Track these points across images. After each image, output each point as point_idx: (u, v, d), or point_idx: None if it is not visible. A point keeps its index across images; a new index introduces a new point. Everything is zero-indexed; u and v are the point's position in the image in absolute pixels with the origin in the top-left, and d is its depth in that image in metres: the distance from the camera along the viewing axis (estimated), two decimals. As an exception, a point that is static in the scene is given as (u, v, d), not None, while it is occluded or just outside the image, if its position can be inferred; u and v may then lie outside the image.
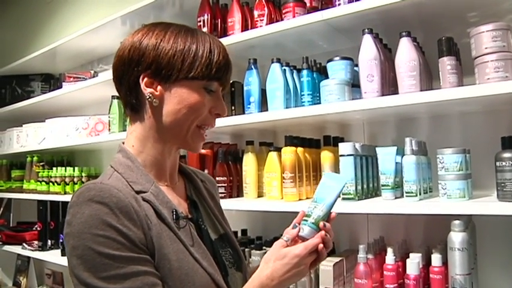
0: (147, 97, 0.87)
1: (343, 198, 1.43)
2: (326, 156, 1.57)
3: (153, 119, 0.89)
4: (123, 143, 0.93)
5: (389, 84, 1.48)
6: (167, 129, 0.89)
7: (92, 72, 2.78)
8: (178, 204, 0.93)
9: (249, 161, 1.77)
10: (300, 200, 1.55)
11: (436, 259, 1.34)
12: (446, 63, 1.31)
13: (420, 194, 1.35)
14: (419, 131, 1.61)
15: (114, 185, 0.82)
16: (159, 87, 0.87)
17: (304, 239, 0.91)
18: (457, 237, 1.24)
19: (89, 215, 0.76)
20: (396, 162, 1.43)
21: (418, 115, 1.61)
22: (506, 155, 1.21)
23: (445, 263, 1.33)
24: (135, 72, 0.87)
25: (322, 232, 0.91)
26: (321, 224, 0.91)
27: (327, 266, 1.45)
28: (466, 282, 1.22)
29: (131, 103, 0.90)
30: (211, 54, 0.87)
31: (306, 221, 0.92)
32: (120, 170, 0.87)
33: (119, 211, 0.78)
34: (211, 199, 1.03)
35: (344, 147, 1.45)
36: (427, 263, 1.40)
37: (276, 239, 1.71)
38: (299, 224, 0.94)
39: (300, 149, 1.59)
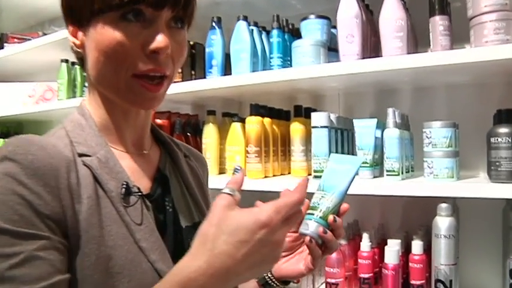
0: (72, 49, 0.69)
1: (314, 176, 1.24)
2: (296, 128, 1.37)
3: (88, 74, 0.70)
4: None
5: (370, 50, 1.28)
6: (100, 85, 0.68)
7: (41, 34, 2.47)
8: (140, 176, 0.71)
9: (209, 133, 1.55)
10: (265, 177, 1.36)
11: (416, 246, 1.18)
12: (438, 23, 1.12)
13: (403, 173, 1.17)
14: (401, 104, 1.42)
15: (50, 142, 0.61)
16: (80, 35, 0.67)
17: (309, 239, 0.70)
18: (443, 222, 1.08)
19: None
20: (376, 137, 1.25)
21: (400, 86, 1.43)
22: (503, 130, 1.04)
23: (426, 250, 1.18)
24: (67, 23, 0.69)
25: (328, 234, 0.70)
26: (331, 218, 0.70)
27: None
28: (452, 273, 1.07)
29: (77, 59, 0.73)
30: None
31: (312, 214, 0.71)
32: (68, 127, 0.67)
33: (31, 172, 0.56)
34: (194, 179, 0.79)
35: (317, 118, 1.25)
36: (405, 250, 1.24)
37: None
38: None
39: (267, 120, 1.39)
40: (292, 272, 0.77)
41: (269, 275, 0.80)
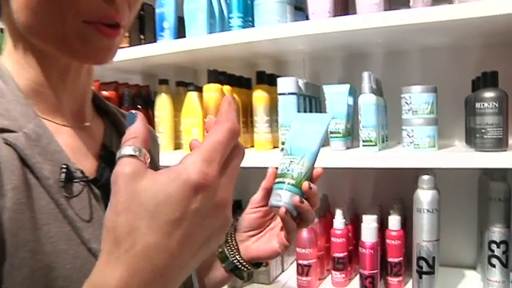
0: None
1: (282, 149, 1.11)
2: (260, 96, 1.23)
3: (8, 22, 0.50)
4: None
5: (342, 9, 1.15)
6: (34, 34, 0.48)
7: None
8: (82, 156, 0.54)
9: (162, 105, 1.38)
10: None
11: (394, 221, 1.10)
12: (417, -23, 1.00)
13: (380, 143, 1.06)
14: (372, 70, 1.30)
15: None
16: None
17: (285, 211, 0.61)
18: (425, 196, 0.99)
19: None
20: (348, 105, 1.13)
21: (372, 49, 1.32)
22: (489, 94, 0.94)
23: (403, 225, 1.11)
24: None
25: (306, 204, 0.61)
26: (305, 185, 0.61)
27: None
28: (435, 249, 0.99)
29: None
30: None
31: (282, 183, 0.62)
32: None
33: None
34: None
35: (284, 84, 1.12)
36: (380, 225, 1.15)
37: None
38: (266, 190, 0.66)
39: (226, 88, 1.24)
40: (265, 252, 0.68)
41: (237, 258, 0.70)
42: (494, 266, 1.07)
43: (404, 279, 1.13)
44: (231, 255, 0.70)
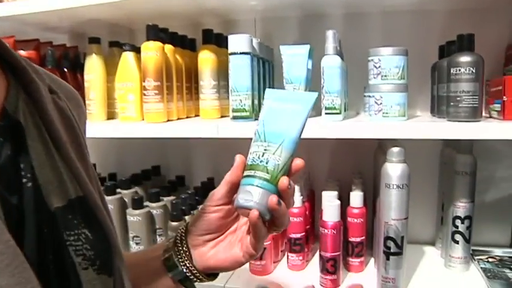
0: None
1: (233, 117, 0.97)
2: (207, 58, 1.07)
3: None
4: None
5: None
6: None
7: None
8: None
9: (93, 67, 1.18)
10: (168, 121, 1.05)
11: (356, 198, 1.02)
12: None
13: (343, 112, 0.95)
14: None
15: None
16: None
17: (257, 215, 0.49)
18: (395, 170, 0.89)
19: None
20: (308, 69, 1.00)
21: (331, 10, 1.19)
22: (465, 58, 0.84)
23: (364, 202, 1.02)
24: None
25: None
26: (283, 182, 0.50)
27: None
28: (404, 228, 0.90)
29: None
30: None
31: (253, 177, 0.51)
32: None
33: None
34: (66, 129, 0.47)
35: (237, 42, 0.96)
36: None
37: (136, 176, 1.20)
38: (231, 184, 0.53)
39: (168, 47, 1.06)
40: (225, 261, 0.56)
41: (188, 266, 0.57)
42: (457, 242, 1.02)
43: (365, 259, 1.05)
44: (181, 263, 0.57)
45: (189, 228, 0.58)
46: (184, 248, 0.57)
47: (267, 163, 0.50)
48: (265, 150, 0.51)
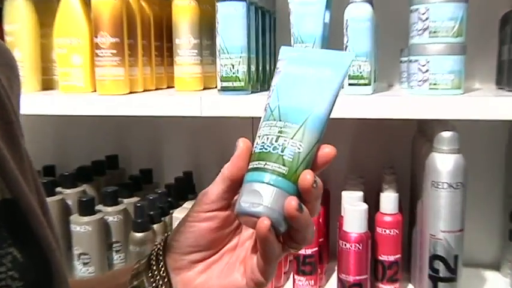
0: None
1: (222, 89, 0.97)
2: (184, 7, 1.06)
3: None
4: None
5: None
6: None
7: None
8: None
9: (17, 14, 1.15)
10: (131, 93, 1.05)
11: (389, 201, 1.02)
12: None
13: (373, 82, 0.95)
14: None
15: None
16: None
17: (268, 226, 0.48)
18: (446, 163, 0.90)
19: None
20: (324, 23, 1.00)
21: None
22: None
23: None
24: None
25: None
26: (306, 178, 0.47)
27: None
28: (458, 244, 0.91)
29: None
30: None
31: (264, 171, 0.49)
32: None
33: None
34: None
35: (228, -16, 0.95)
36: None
37: (84, 170, 1.15)
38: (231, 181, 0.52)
39: (131, -8, 1.06)
40: None
41: None
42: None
43: (401, 285, 1.06)
44: None
45: (168, 243, 0.56)
46: (161, 273, 0.55)
47: (282, 151, 0.49)
48: (280, 132, 0.50)
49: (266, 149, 0.49)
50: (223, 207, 0.53)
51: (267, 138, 0.50)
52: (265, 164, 0.49)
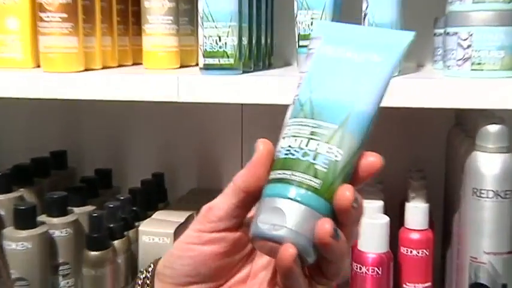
0: None
1: (205, 67, 0.99)
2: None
3: None
4: None
5: None
6: None
7: None
8: None
9: None
10: (86, 70, 1.05)
11: (415, 213, 1.05)
12: None
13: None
14: None
15: None
16: None
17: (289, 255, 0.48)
18: (492, 165, 0.91)
19: None
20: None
21: None
22: None
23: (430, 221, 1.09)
24: None
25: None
26: (344, 195, 0.47)
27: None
28: (505, 269, 0.93)
29: None
30: None
31: (288, 183, 0.49)
32: None
33: None
34: None
35: None
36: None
37: (22, 170, 1.30)
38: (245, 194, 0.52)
39: None
40: None
41: None
42: None
43: None
44: None
45: (159, 271, 0.56)
46: None
47: (315, 159, 0.48)
48: (312, 134, 0.49)
49: (293, 154, 0.49)
50: (233, 227, 0.53)
51: (295, 140, 0.50)
52: (292, 174, 0.48)
